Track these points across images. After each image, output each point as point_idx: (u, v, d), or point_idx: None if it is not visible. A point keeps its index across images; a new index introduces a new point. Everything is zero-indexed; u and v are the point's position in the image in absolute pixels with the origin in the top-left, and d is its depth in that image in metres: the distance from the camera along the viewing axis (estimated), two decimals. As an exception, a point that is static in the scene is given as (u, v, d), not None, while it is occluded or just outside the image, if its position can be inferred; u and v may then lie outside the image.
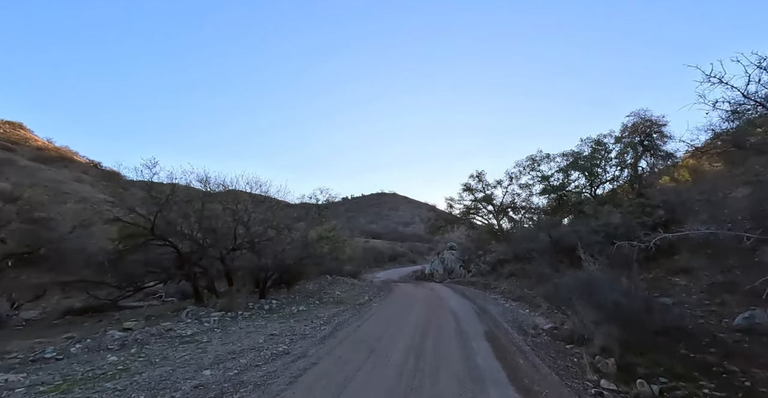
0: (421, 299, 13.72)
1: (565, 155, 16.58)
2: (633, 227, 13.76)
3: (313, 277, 20.01)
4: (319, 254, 13.44)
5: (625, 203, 14.13)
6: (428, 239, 57.15)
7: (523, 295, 14.56)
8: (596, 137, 15.26)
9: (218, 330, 7.34)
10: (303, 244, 12.44)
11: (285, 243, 12.32)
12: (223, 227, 11.45)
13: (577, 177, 15.90)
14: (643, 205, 13.95)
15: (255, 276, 12.77)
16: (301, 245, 12.16)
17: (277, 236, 12.33)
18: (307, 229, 13.46)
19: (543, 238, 15.76)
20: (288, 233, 13.46)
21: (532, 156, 17.34)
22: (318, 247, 12.58)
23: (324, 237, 13.21)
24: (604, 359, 5.65)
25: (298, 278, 15.89)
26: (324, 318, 9.40)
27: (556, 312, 10.76)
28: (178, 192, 10.26)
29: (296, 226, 14.89)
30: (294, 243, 12.74)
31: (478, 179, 23.22)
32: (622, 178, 15.20)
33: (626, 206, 13.98)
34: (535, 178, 17.57)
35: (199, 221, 10.62)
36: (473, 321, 8.97)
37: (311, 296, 13.07)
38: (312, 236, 12.73)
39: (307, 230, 13.19)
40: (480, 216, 24.62)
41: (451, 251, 31.80)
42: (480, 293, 16.35)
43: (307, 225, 14.60)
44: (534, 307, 12.15)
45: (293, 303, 11.66)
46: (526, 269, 18.35)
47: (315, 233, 13.18)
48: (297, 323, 8.61)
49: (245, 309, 9.70)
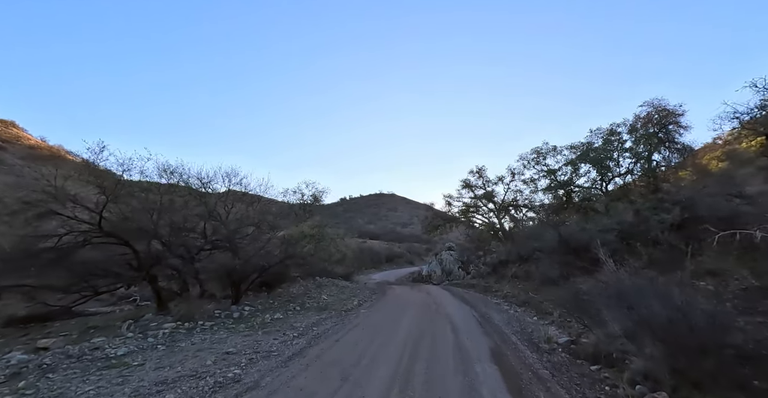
0: (416, 304, 12.36)
1: (574, 147, 15.27)
2: (652, 225, 12.48)
3: (302, 279, 18.67)
4: (302, 255, 12.06)
5: (640, 200, 12.79)
6: (426, 240, 55.92)
7: (528, 300, 13.22)
8: (609, 127, 13.96)
9: (162, 347, 5.97)
10: (285, 243, 11.07)
11: (264, 242, 10.94)
12: (190, 224, 10.06)
13: (588, 171, 14.60)
14: (661, 201, 12.64)
15: (232, 279, 11.40)
16: (281, 244, 10.78)
17: (255, 234, 10.96)
18: (290, 226, 12.07)
19: (550, 237, 14.42)
20: (270, 232, 12.08)
21: (538, 148, 16.05)
22: (299, 246, 11.20)
23: (307, 235, 11.84)
24: (650, 392, 4.30)
25: (281, 281, 14.51)
26: (300, 328, 8.03)
27: (568, 320, 9.43)
28: (134, 183, 8.88)
29: (279, 224, 13.51)
30: (275, 242, 11.35)
31: (479, 174, 21.90)
32: (636, 171, 13.88)
33: (642, 203, 12.64)
34: (541, 172, 16.27)
35: (160, 216, 9.24)
36: (475, 333, 7.61)
37: (293, 302, 11.69)
38: (293, 234, 11.34)
39: (289, 227, 11.80)
40: (480, 215, 23.31)
41: (449, 252, 30.46)
42: (481, 298, 14.99)
43: (290, 222, 13.22)
44: (542, 314, 10.81)
45: (270, 309, 10.28)
46: (531, 271, 17.02)
47: (297, 231, 11.79)
48: (266, 335, 7.24)
49: (209, 318, 8.32)
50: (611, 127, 13.89)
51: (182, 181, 10.35)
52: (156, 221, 9.05)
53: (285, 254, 11.44)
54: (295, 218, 13.77)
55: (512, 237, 19.38)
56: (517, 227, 21.70)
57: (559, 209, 16.16)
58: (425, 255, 45.17)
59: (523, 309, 11.84)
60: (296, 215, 14.46)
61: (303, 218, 14.00)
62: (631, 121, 14.37)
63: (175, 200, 10.37)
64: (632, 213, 12.70)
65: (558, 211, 15.92)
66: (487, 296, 15.71)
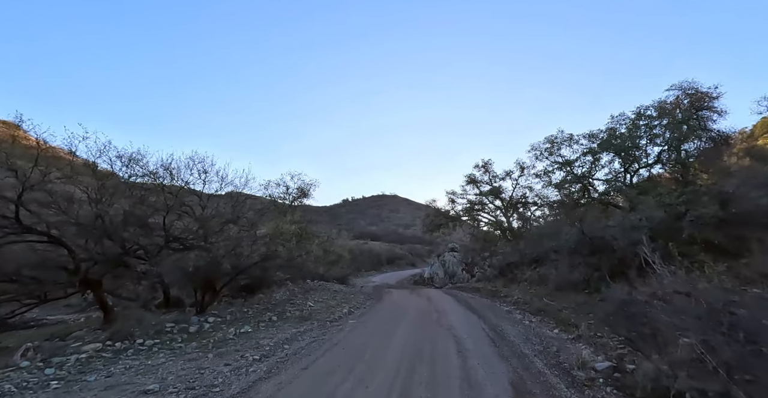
0: (415, 313, 10.70)
1: (593, 135, 13.57)
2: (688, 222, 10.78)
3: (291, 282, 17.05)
4: (286, 255, 10.42)
5: (669, 193, 11.08)
6: (428, 241, 54.26)
7: (544, 308, 11.51)
8: (636, 109, 12.24)
9: (58, 383, 4.32)
10: (261, 242, 9.46)
11: (236, 240, 9.34)
12: (144, 218, 8.48)
13: (609, 161, 12.91)
14: (698, 194, 10.93)
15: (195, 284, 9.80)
16: (252, 243, 9.17)
17: (229, 233, 9.37)
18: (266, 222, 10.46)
19: (568, 235, 12.72)
20: (249, 229, 10.47)
21: (552, 137, 14.36)
22: (274, 245, 9.58)
23: (285, 233, 10.23)
24: None
25: (263, 285, 12.89)
26: (267, 346, 6.39)
27: (599, 335, 7.75)
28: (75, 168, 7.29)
29: (260, 220, 11.90)
30: (251, 241, 9.73)
31: (484, 169, 20.24)
32: (667, 160, 12.17)
33: (676, 196, 10.93)
34: (554, 164, 14.59)
35: (109, 209, 7.66)
36: (487, 356, 5.95)
37: (271, 310, 10.06)
38: (268, 232, 9.73)
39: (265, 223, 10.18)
40: (486, 213, 21.61)
41: (452, 253, 28.79)
42: (488, 304, 13.30)
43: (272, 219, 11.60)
44: (563, 325, 9.13)
45: (240, 320, 8.65)
46: (544, 274, 15.31)
47: (272, 226, 10.17)
48: (217, 359, 5.61)
49: (155, 334, 6.69)
50: (639, 109, 12.19)
51: (138, 169, 8.77)
52: (101, 214, 7.47)
53: (263, 254, 9.83)
54: (279, 214, 12.21)
55: (522, 237, 17.69)
56: (526, 226, 20.01)
57: (573, 204, 14.47)
58: (427, 257, 43.53)
59: (539, 319, 10.17)
60: (280, 211, 12.87)
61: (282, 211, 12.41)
62: (657, 103, 12.67)
63: (133, 191, 8.80)
64: (663, 208, 10.97)
65: (573, 207, 14.23)
66: (496, 302, 14.02)
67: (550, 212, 15.23)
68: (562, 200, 14.15)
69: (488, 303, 13.84)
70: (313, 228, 14.41)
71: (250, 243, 9.13)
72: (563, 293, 13.29)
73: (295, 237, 11.44)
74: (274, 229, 9.86)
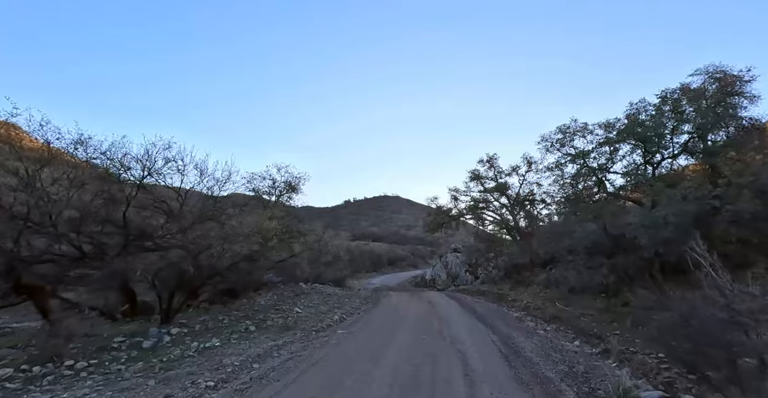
0: (414, 320, 9.50)
1: (609, 125, 12.31)
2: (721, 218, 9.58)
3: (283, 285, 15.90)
4: (256, 256, 9.24)
5: (705, 187, 9.84)
6: (431, 242, 53.13)
7: (558, 314, 10.29)
8: (661, 92, 10.95)
9: None
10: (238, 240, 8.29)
11: (209, 239, 8.17)
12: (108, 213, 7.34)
13: (629, 152, 11.65)
14: (734, 187, 9.68)
15: (176, 288, 8.64)
16: (223, 241, 7.99)
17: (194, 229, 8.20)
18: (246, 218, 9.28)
19: (584, 234, 11.49)
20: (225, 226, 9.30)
21: (564, 127, 13.11)
22: (249, 243, 8.41)
23: (264, 229, 9.04)
24: None
25: (247, 288, 11.72)
26: (231, 367, 5.21)
27: (631, 350, 6.51)
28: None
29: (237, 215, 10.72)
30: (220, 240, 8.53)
31: (489, 164, 18.97)
32: (696, 151, 10.89)
33: (708, 190, 9.69)
34: (566, 156, 13.34)
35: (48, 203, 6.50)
36: (502, 380, 4.73)
37: (251, 318, 8.87)
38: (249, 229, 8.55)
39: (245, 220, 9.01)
40: (490, 211, 20.36)
41: (455, 254, 27.59)
42: (496, 310, 12.08)
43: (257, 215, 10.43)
44: (583, 335, 7.92)
45: (210, 331, 7.47)
46: (556, 276, 14.08)
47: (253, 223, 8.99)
48: (161, 386, 4.43)
49: (96, 352, 5.50)
50: (664, 93, 10.92)
51: (83, 153, 7.60)
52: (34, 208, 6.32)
53: (239, 254, 8.65)
54: (264, 209, 11.07)
55: (531, 235, 16.45)
56: (533, 225, 18.76)
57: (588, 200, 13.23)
58: (429, 258, 42.32)
59: (555, 328, 8.97)
60: (265, 207, 11.71)
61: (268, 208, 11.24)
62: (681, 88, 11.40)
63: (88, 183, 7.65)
64: (694, 203, 9.71)
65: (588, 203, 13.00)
66: (503, 306, 12.81)
67: (561, 209, 13.95)
68: (577, 196, 12.89)
69: (495, 308, 12.63)
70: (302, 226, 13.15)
71: (221, 241, 7.95)
72: (578, 297, 12.05)
73: (276, 236, 10.26)
74: (255, 226, 8.68)
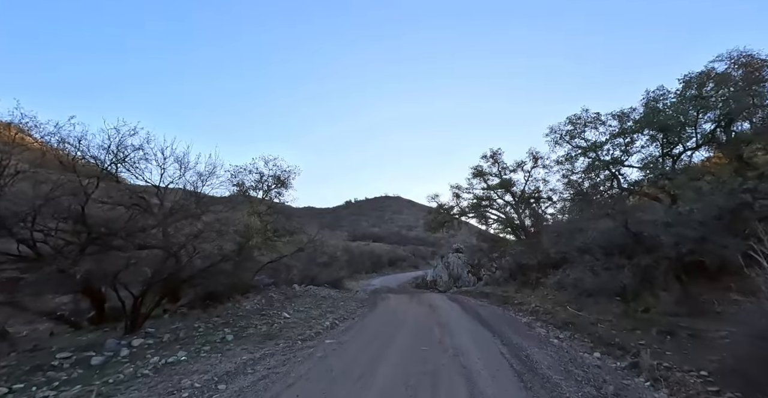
0: (412, 327, 8.58)
1: (623, 115, 11.39)
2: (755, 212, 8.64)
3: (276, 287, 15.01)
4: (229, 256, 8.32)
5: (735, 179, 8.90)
6: (432, 243, 52.16)
7: (571, 319, 9.34)
8: (684, 77, 9.98)
9: None
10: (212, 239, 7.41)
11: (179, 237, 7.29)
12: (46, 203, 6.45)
13: (647, 143, 10.71)
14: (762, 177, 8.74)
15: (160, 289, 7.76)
16: (191, 239, 7.11)
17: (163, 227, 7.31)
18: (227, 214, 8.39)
19: (601, 231, 10.53)
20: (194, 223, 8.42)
21: (575, 118, 12.17)
22: (223, 241, 7.52)
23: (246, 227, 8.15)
24: None
25: (233, 290, 10.81)
26: (187, 392, 4.31)
27: (666, 366, 5.57)
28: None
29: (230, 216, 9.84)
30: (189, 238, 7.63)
31: (493, 160, 18.06)
32: (720, 141, 9.95)
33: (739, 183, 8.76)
34: (576, 149, 12.41)
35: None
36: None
37: (231, 324, 7.97)
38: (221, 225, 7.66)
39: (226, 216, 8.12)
40: (494, 209, 19.43)
41: (457, 255, 26.64)
42: (501, 314, 11.16)
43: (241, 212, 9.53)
44: (603, 345, 7.00)
45: (180, 341, 6.56)
46: (565, 277, 13.15)
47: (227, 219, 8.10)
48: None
49: (24, 374, 4.61)
50: (686, 77, 9.97)
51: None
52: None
53: (219, 254, 7.75)
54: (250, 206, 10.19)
55: (538, 234, 15.53)
56: (539, 224, 17.83)
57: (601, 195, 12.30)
58: (431, 258, 41.39)
59: (569, 335, 8.03)
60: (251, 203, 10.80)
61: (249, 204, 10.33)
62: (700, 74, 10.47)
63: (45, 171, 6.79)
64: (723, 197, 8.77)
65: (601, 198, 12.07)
66: (510, 310, 11.86)
67: (572, 205, 13.01)
68: (589, 191, 11.96)
69: (501, 312, 11.70)
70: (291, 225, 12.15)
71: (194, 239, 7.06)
72: (591, 300, 11.09)
73: (258, 233, 9.33)
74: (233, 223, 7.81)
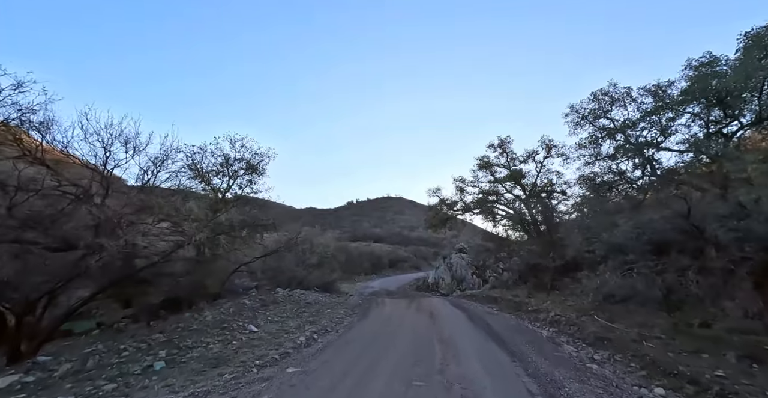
0: (407, 344, 6.80)
1: (660, 88, 9.57)
2: None
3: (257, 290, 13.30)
4: (182, 256, 6.59)
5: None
6: (434, 243, 50.31)
7: (603, 334, 7.46)
8: (751, 31, 7.94)
9: None
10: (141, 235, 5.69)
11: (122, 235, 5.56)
12: None
13: (690, 120, 8.85)
14: None
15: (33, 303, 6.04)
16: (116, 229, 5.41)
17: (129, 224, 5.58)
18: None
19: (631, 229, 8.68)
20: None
21: (600, 93, 10.29)
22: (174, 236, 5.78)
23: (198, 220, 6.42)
24: None
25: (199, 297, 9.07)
26: None
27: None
28: None
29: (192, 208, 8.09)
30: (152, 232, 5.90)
31: (501, 149, 16.23)
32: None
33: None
34: (602, 131, 10.60)
35: None
36: None
37: (175, 344, 6.21)
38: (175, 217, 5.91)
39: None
40: (502, 204, 17.59)
41: (460, 255, 24.83)
42: (516, 325, 9.32)
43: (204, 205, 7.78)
44: (659, 374, 5.21)
45: (78, 375, 4.82)
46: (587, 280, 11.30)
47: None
48: None
49: None
50: (754, 31, 7.95)
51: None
52: None
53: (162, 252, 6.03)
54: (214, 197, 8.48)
55: (554, 231, 13.72)
56: (551, 220, 16.00)
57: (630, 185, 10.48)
58: (433, 259, 39.60)
59: (607, 356, 6.23)
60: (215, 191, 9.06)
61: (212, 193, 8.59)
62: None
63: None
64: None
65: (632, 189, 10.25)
66: (524, 320, 10.00)
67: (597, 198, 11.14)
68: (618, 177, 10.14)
69: (515, 321, 9.85)
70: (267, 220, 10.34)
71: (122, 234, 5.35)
72: (621, 308, 9.28)
73: (209, 227, 7.54)
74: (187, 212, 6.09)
